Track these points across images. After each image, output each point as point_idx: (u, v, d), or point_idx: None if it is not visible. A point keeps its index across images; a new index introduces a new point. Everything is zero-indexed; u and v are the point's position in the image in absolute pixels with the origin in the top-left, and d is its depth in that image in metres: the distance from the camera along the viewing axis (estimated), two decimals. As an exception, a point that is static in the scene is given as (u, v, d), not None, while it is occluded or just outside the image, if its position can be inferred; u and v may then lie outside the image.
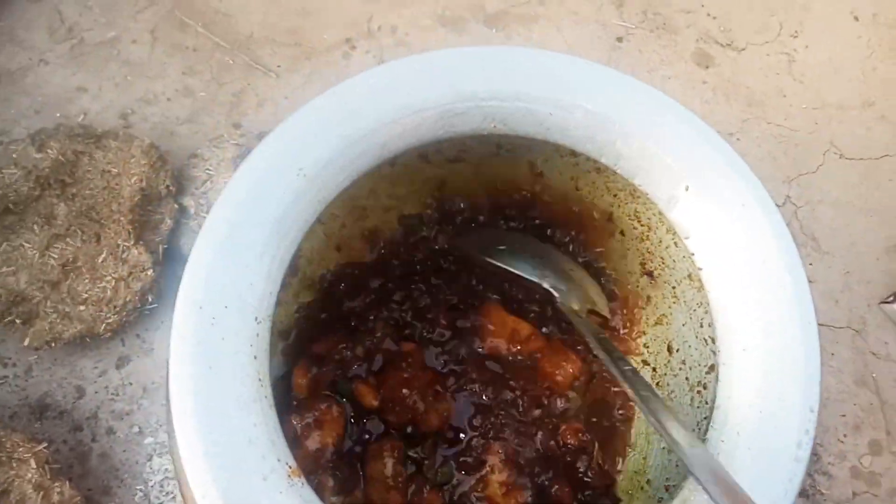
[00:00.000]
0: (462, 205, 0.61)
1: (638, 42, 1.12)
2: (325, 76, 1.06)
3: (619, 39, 1.12)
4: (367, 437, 0.55)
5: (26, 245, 0.84)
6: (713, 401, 0.50)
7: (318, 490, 0.44)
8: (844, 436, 0.88)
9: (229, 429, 0.36)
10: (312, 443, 0.49)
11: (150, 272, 0.84)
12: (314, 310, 0.59)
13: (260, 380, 0.38)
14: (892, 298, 0.93)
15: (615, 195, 0.60)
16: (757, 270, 0.42)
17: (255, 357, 0.38)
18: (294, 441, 0.48)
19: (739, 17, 1.14)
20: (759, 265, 0.42)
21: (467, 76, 0.44)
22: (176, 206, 0.90)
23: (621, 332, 0.62)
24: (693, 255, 0.45)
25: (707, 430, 0.40)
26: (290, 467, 0.38)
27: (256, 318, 0.39)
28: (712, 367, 0.54)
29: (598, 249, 0.61)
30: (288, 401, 0.55)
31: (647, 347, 0.61)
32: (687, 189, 0.45)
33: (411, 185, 0.60)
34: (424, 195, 0.60)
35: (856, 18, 1.15)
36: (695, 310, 0.52)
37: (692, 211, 0.45)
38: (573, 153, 0.46)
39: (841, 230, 1.00)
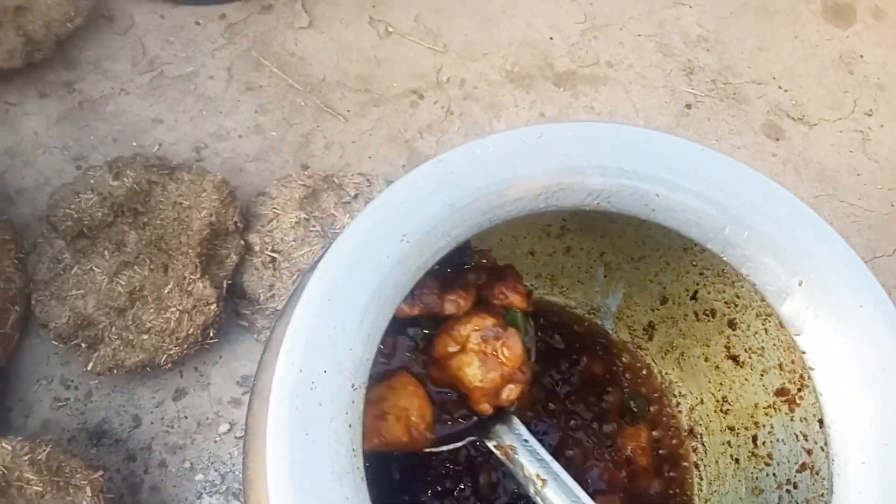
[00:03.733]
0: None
1: (707, 110, 1.12)
2: (392, 123, 1.07)
3: (688, 106, 1.12)
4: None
5: (96, 270, 0.85)
6: (807, 502, 0.48)
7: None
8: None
9: (322, 500, 0.35)
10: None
11: (213, 307, 0.85)
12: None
13: (353, 450, 0.38)
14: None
15: (701, 273, 0.59)
16: (875, 378, 0.40)
17: (350, 426, 0.38)
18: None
19: (811, 92, 1.14)
20: (877, 372, 0.40)
21: (574, 151, 0.44)
22: (242, 242, 0.91)
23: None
24: (804, 353, 0.43)
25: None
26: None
27: (353, 385, 0.38)
28: (804, 465, 0.52)
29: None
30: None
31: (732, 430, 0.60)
32: (800, 284, 0.43)
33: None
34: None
35: (931, 100, 1.14)
36: (788, 404, 0.50)
37: (805, 307, 0.43)
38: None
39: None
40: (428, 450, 0.51)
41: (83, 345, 0.83)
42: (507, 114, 1.10)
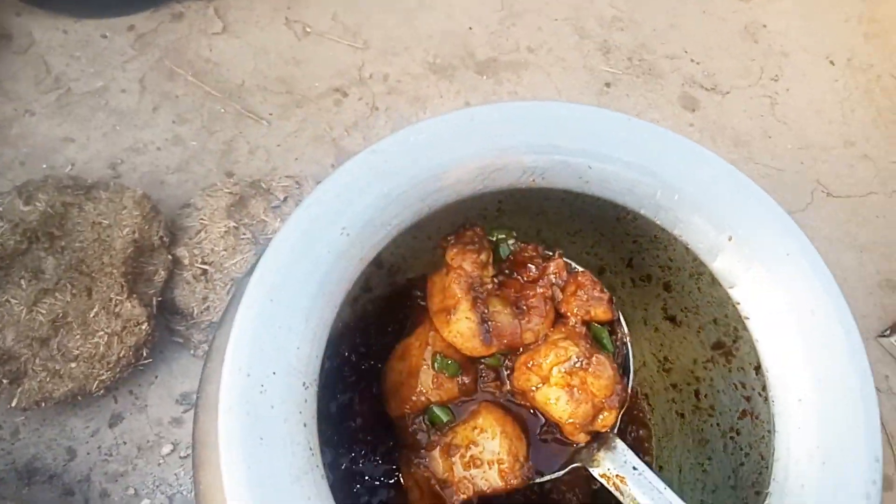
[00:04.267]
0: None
1: (625, 87, 1.15)
2: (316, 123, 1.05)
3: (608, 85, 1.15)
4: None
5: (13, 301, 0.81)
6: (748, 446, 0.50)
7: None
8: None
9: (284, 503, 0.34)
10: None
11: (144, 326, 0.82)
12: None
13: (311, 449, 0.37)
14: (888, 332, 0.94)
15: (634, 241, 0.60)
16: (807, 321, 0.42)
17: (305, 424, 0.37)
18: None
19: (721, 63, 1.18)
20: (808, 315, 0.42)
21: (506, 131, 0.44)
22: (169, 256, 0.88)
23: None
24: (739, 304, 0.45)
25: (769, 483, 0.39)
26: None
27: (304, 384, 0.37)
28: (744, 412, 0.54)
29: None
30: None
31: (675, 387, 0.61)
32: (730, 239, 0.45)
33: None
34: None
35: (832, 63, 1.20)
36: (725, 356, 0.52)
37: (736, 261, 0.45)
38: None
39: (832, 266, 1.01)
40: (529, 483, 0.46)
41: (4, 381, 0.79)
42: (433, 105, 1.10)
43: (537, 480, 0.47)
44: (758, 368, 0.50)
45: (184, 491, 0.78)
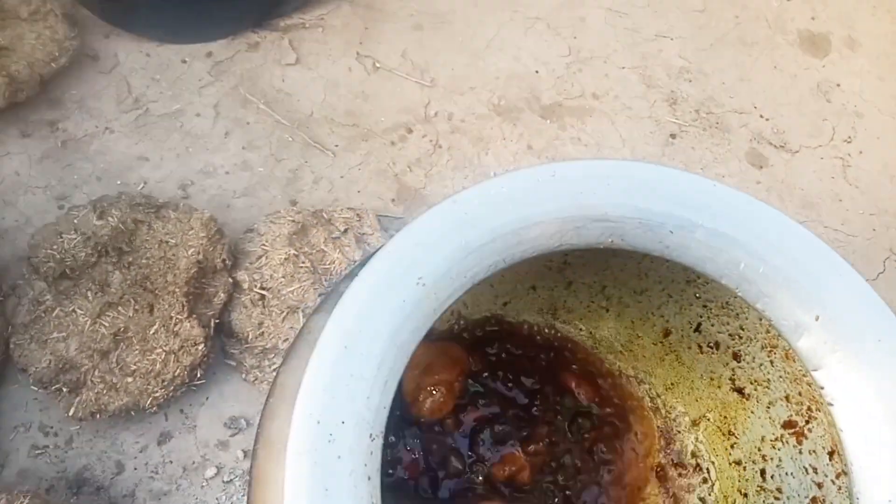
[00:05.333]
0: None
1: (691, 139, 1.13)
2: (380, 157, 1.07)
3: (673, 136, 1.14)
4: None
5: (78, 311, 0.83)
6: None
7: None
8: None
9: (344, 558, 0.34)
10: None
11: (201, 346, 0.83)
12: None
13: (372, 502, 0.36)
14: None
15: (704, 305, 0.59)
16: (897, 415, 0.40)
17: (369, 478, 0.36)
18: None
19: (791, 120, 1.16)
20: (900, 407, 0.40)
21: (588, 189, 0.44)
22: (230, 279, 0.89)
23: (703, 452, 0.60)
24: (822, 388, 0.43)
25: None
26: None
27: (371, 435, 0.37)
28: (815, 500, 0.51)
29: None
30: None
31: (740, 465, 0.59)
32: (817, 319, 0.43)
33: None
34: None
35: (908, 127, 1.17)
36: (796, 436, 0.50)
37: (822, 342, 0.43)
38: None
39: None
40: None
41: (64, 389, 0.81)
42: (495, 146, 1.10)
43: None
44: (832, 454, 0.47)
45: (225, 517, 0.79)
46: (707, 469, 0.65)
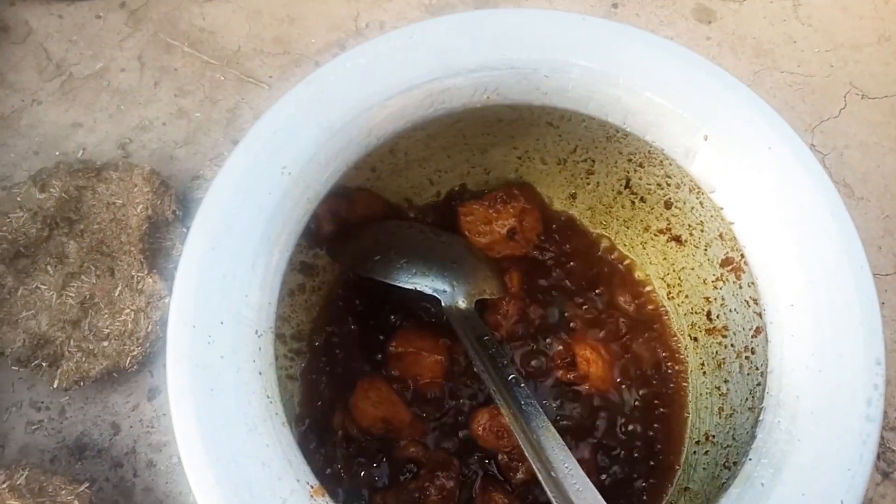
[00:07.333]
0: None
1: (634, 6, 1.08)
2: (318, 80, 1.03)
3: (615, 5, 1.08)
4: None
5: (42, 287, 0.83)
6: (764, 365, 0.47)
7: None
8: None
9: (239, 453, 0.34)
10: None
11: (167, 300, 0.83)
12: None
13: (268, 396, 0.36)
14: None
15: (629, 160, 0.56)
16: (795, 217, 0.37)
17: (261, 373, 0.36)
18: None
19: (737, -34, 1.09)
20: (796, 211, 0.38)
21: (451, 46, 0.41)
22: (184, 229, 0.89)
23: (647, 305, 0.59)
24: (721, 209, 0.41)
25: (763, 397, 0.36)
26: (312, 487, 0.35)
27: (257, 332, 0.36)
28: (758, 330, 0.50)
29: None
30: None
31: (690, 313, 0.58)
32: (706, 138, 0.41)
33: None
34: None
35: (859, -50, 1.09)
36: (734, 272, 0.48)
37: (714, 161, 0.41)
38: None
39: (873, 173, 0.94)
40: None
41: (44, 364, 0.82)
42: (433, 48, 1.06)
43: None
44: (762, 278, 0.46)
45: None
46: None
